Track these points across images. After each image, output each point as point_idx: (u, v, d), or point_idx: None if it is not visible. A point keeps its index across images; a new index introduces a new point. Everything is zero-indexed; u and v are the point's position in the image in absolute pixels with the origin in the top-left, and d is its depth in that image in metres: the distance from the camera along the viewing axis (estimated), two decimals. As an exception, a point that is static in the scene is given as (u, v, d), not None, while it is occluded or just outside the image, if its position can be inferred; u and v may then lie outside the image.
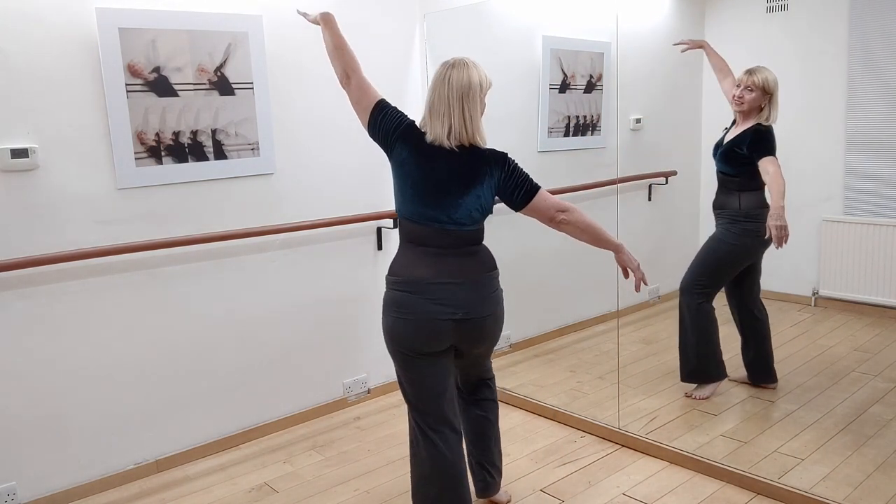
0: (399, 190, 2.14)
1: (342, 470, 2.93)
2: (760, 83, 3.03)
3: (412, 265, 2.10)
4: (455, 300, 2.08)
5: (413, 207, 2.10)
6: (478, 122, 2.09)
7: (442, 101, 2.05)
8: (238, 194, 3.06)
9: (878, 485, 2.52)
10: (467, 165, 2.09)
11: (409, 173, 2.09)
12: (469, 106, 2.05)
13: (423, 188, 2.08)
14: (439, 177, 2.07)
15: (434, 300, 2.07)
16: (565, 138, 4.00)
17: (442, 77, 2.07)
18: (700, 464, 2.75)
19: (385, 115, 2.15)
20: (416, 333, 2.09)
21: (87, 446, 2.78)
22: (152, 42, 2.74)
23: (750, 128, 3.07)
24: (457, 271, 2.09)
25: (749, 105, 3.06)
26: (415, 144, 2.10)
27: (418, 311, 2.07)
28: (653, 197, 4.30)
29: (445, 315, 2.07)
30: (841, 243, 3.58)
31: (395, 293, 2.13)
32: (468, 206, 2.10)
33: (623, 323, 3.45)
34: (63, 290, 2.66)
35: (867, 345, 3.58)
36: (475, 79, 2.06)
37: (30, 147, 2.52)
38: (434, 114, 2.08)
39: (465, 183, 2.08)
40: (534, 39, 3.81)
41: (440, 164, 2.08)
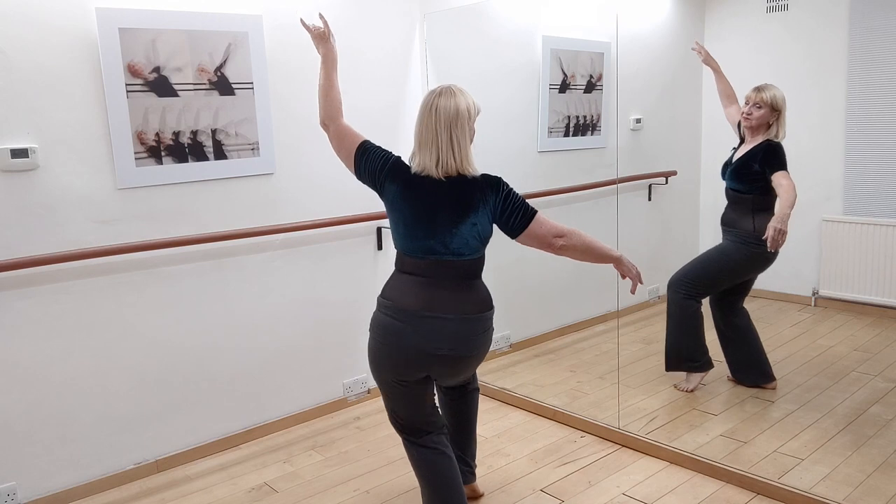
0: (394, 227, 2.11)
1: (342, 470, 2.93)
2: (769, 100, 3.03)
3: (403, 294, 2.06)
4: (442, 336, 2.03)
5: (409, 243, 2.06)
6: (466, 150, 2.03)
7: (429, 132, 2.01)
8: (238, 194, 3.06)
9: (878, 485, 2.52)
10: (460, 193, 2.04)
11: (400, 210, 2.06)
12: (457, 134, 2.00)
13: (414, 223, 2.03)
14: (432, 208, 2.03)
15: (421, 334, 2.02)
16: (565, 138, 4.00)
17: (429, 107, 2.02)
18: (700, 464, 2.75)
19: (368, 156, 2.11)
20: (394, 362, 2.08)
21: (87, 446, 2.78)
22: (152, 42, 2.74)
23: (761, 143, 3.07)
24: (449, 306, 2.03)
25: (758, 121, 3.06)
26: (403, 180, 2.06)
27: (403, 343, 2.04)
28: (653, 197, 4.30)
29: (430, 350, 2.03)
30: (841, 243, 3.58)
31: (383, 316, 2.09)
32: (464, 234, 2.04)
33: (623, 323, 3.46)
34: (63, 290, 2.66)
35: (867, 345, 3.58)
36: (462, 106, 2.01)
37: (30, 147, 2.52)
38: (423, 144, 2.03)
39: (459, 211, 2.03)
40: (534, 39, 3.81)
41: (432, 195, 2.03)
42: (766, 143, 3.06)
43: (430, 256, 2.04)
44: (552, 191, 3.96)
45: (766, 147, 3.05)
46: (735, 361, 3.37)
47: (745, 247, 3.13)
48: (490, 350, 4.07)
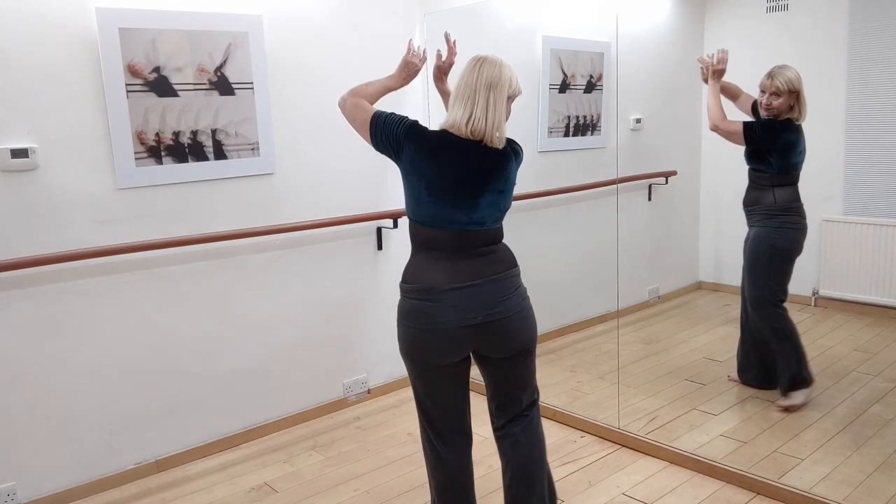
0: (412, 193, 1.99)
1: (342, 470, 2.93)
2: (785, 85, 2.92)
3: (426, 271, 1.97)
4: (473, 303, 1.93)
5: (429, 210, 1.95)
6: (501, 117, 1.96)
7: (468, 87, 1.94)
8: (238, 194, 3.06)
9: (878, 485, 2.52)
10: (485, 157, 1.96)
11: (422, 171, 1.95)
12: (495, 96, 1.93)
13: (438, 187, 1.93)
14: (456, 172, 1.93)
15: (451, 306, 1.93)
16: (565, 138, 4.00)
17: (473, 65, 1.97)
18: (700, 464, 2.75)
19: (385, 120, 2.04)
20: (432, 344, 1.96)
21: (87, 446, 2.78)
22: (152, 42, 2.74)
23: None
24: (474, 272, 1.95)
25: (778, 109, 2.96)
26: (423, 140, 1.97)
27: (435, 320, 1.93)
28: (653, 197, 4.30)
29: (464, 321, 1.93)
30: (841, 243, 3.58)
31: (409, 301, 1.99)
32: (488, 203, 1.97)
33: (623, 323, 3.45)
34: (63, 289, 2.66)
35: (867, 345, 3.57)
36: (506, 75, 1.97)
37: (30, 147, 2.52)
38: (458, 98, 1.95)
39: (483, 177, 1.95)
40: (534, 39, 3.81)
41: (455, 158, 1.94)
42: (769, 121, 3.01)
43: (452, 226, 1.95)
44: (552, 191, 3.96)
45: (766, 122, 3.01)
46: (745, 361, 3.35)
47: (773, 219, 3.06)
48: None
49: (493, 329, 1.96)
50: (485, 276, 1.95)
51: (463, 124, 1.93)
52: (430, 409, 2.12)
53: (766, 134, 3.00)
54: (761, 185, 3.09)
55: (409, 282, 2.00)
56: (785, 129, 2.98)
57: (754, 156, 3.10)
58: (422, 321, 1.96)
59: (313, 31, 3.21)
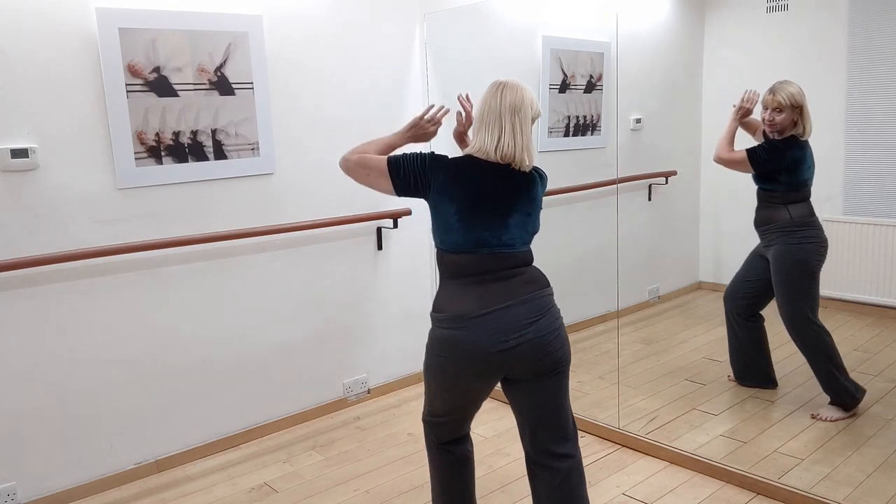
0: (441, 220, 1.97)
1: (342, 470, 2.93)
2: (787, 100, 2.88)
3: (456, 299, 1.94)
4: (504, 326, 1.89)
5: (459, 236, 1.94)
6: (528, 139, 1.96)
7: (492, 113, 1.95)
8: (238, 194, 3.06)
9: (878, 485, 2.52)
10: (512, 180, 1.97)
11: (452, 198, 1.94)
12: (521, 119, 1.95)
13: (468, 211, 1.93)
14: (485, 195, 1.93)
15: (482, 333, 1.89)
16: (565, 138, 4.00)
17: (495, 89, 1.98)
18: (700, 464, 2.75)
19: (404, 161, 2.01)
20: (463, 369, 1.94)
21: (88, 446, 2.78)
22: (152, 42, 2.74)
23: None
24: (504, 295, 1.92)
25: (782, 125, 2.93)
26: (451, 168, 1.97)
27: (464, 350, 1.90)
28: (653, 197, 4.30)
29: (496, 346, 1.89)
30: (841, 243, 3.58)
31: (440, 331, 1.96)
32: (516, 224, 1.97)
33: (623, 323, 3.45)
34: (63, 289, 2.66)
35: (867, 345, 3.57)
36: (528, 97, 1.98)
37: (30, 147, 2.52)
38: (484, 124, 1.96)
39: (511, 199, 1.96)
40: (534, 39, 3.81)
41: (484, 181, 1.94)
42: (772, 141, 2.98)
43: (483, 250, 1.94)
44: (552, 191, 3.94)
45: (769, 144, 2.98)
46: (741, 365, 3.35)
47: (791, 236, 3.01)
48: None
49: (523, 351, 1.91)
50: (515, 298, 1.93)
51: (492, 150, 1.94)
52: (442, 420, 2.13)
53: (770, 155, 2.96)
54: (773, 203, 3.04)
55: (439, 311, 1.98)
56: (790, 147, 2.94)
57: (763, 177, 3.06)
58: (449, 351, 1.94)
59: (313, 30, 3.21)
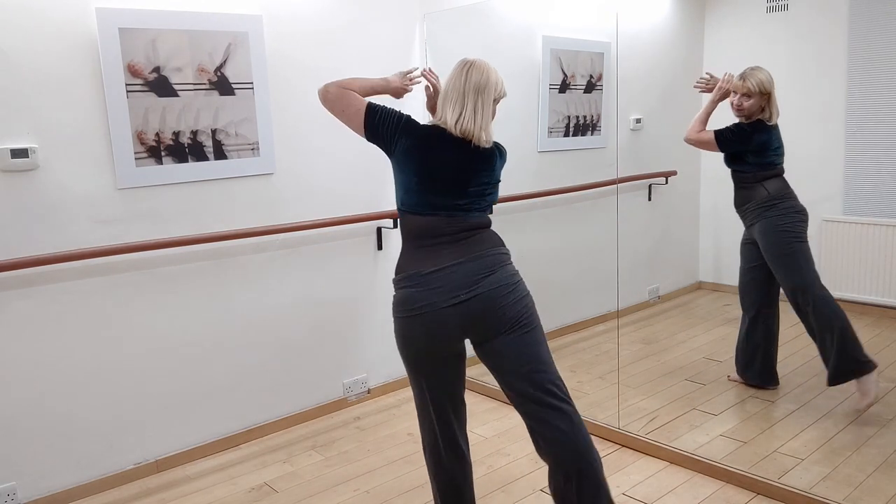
0: (402, 182, 2.07)
1: (342, 470, 2.93)
2: (756, 87, 3.01)
3: (413, 259, 2.04)
4: (454, 281, 1.96)
5: (418, 197, 2.04)
6: (487, 119, 2.06)
7: (456, 90, 2.06)
8: (238, 194, 3.06)
9: (878, 485, 2.52)
10: (473, 154, 2.06)
11: (414, 161, 2.04)
12: (483, 100, 2.04)
13: (427, 176, 2.03)
14: (445, 165, 2.03)
15: (434, 289, 1.96)
16: (565, 138, 4.00)
17: (461, 69, 2.08)
18: (700, 464, 2.75)
19: (381, 112, 2.11)
20: (420, 329, 2.00)
21: (87, 446, 2.78)
22: (152, 42, 2.74)
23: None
24: (456, 254, 2.00)
25: (749, 110, 3.05)
26: (418, 134, 2.07)
27: (419, 305, 1.97)
28: (653, 197, 4.30)
29: (448, 301, 1.95)
30: (841, 243, 3.58)
31: (398, 292, 2.05)
32: (475, 194, 2.07)
33: (623, 323, 3.45)
34: (63, 290, 2.66)
35: (867, 345, 3.57)
36: (493, 79, 2.08)
37: (30, 147, 2.52)
38: (447, 100, 2.07)
39: (471, 172, 2.05)
40: (534, 39, 3.81)
41: (446, 152, 2.04)
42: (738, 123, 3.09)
43: (438, 212, 2.03)
44: (552, 191, 3.96)
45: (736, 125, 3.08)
46: (748, 359, 3.34)
47: (772, 209, 3.07)
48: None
49: (479, 304, 1.96)
50: (466, 256, 2.00)
51: (452, 125, 2.04)
52: (430, 412, 2.14)
53: (737, 136, 3.07)
54: (748, 183, 3.14)
55: (397, 272, 2.08)
56: (756, 130, 3.05)
57: (732, 159, 3.16)
58: (408, 307, 2.00)
59: (313, 31, 3.22)
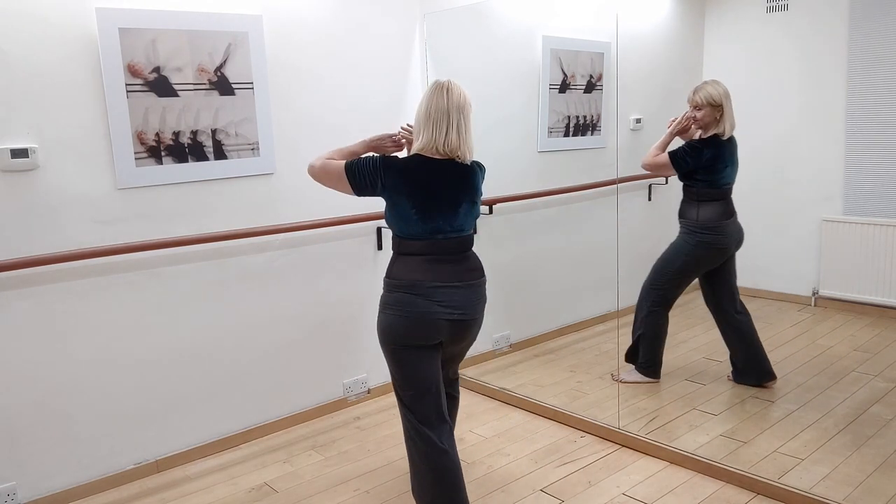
0: (399, 215, 2.23)
1: (342, 470, 2.93)
2: (704, 100, 3.09)
3: (413, 270, 2.22)
4: (454, 302, 2.23)
5: (418, 227, 2.21)
6: (470, 135, 2.23)
7: (440, 111, 2.18)
8: (238, 194, 3.06)
9: (878, 485, 2.52)
10: (458, 174, 2.23)
11: (408, 194, 2.19)
12: (464, 117, 2.21)
13: (423, 205, 2.19)
14: (435, 189, 2.19)
15: (436, 301, 2.20)
16: (565, 138, 4.00)
17: (440, 91, 2.20)
18: (700, 464, 2.75)
19: (359, 165, 2.24)
20: (414, 327, 2.21)
21: (88, 446, 2.78)
22: (152, 42, 2.74)
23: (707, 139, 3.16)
24: (454, 275, 2.24)
25: (702, 122, 3.14)
26: (402, 168, 2.21)
27: (420, 310, 2.20)
28: (653, 197, 4.30)
29: (444, 315, 2.21)
30: (841, 243, 3.58)
31: (397, 294, 2.24)
32: (465, 212, 2.25)
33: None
34: (63, 290, 2.66)
35: (867, 345, 3.58)
36: (467, 97, 2.23)
37: (30, 147, 2.52)
38: (432, 121, 2.19)
39: (459, 189, 2.23)
40: (534, 39, 3.81)
41: (432, 176, 2.20)
42: (689, 142, 3.18)
43: (437, 236, 2.22)
44: (552, 191, 3.96)
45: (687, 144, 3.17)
46: (736, 363, 3.37)
47: (691, 236, 3.23)
48: (490, 350, 4.06)
49: (464, 326, 2.28)
50: (464, 281, 2.26)
51: (440, 144, 2.18)
52: (410, 396, 2.28)
53: (689, 153, 3.15)
54: (688, 198, 3.26)
55: (395, 277, 2.26)
56: (707, 146, 3.13)
57: (685, 174, 3.24)
58: (408, 309, 2.21)
59: (313, 31, 3.22)
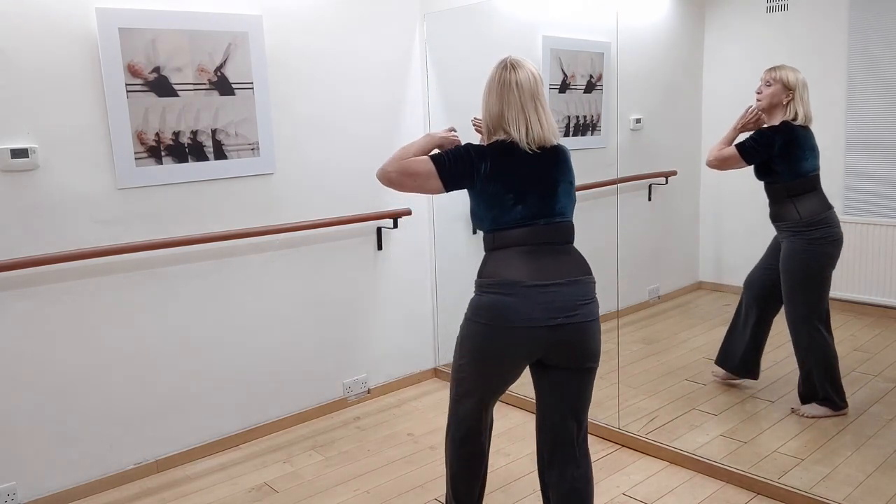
0: (494, 203, 1.96)
1: (342, 470, 2.93)
2: (780, 77, 2.89)
3: (508, 266, 1.93)
4: (554, 304, 1.89)
5: (518, 213, 1.95)
6: (550, 117, 2.01)
7: (514, 107, 1.97)
8: (238, 194, 3.06)
9: (878, 485, 2.52)
10: (549, 154, 2.00)
11: (503, 180, 1.95)
12: (541, 103, 1.99)
13: (521, 189, 1.95)
14: (531, 171, 1.96)
15: (532, 304, 1.88)
16: (565, 138, 3.99)
17: (508, 83, 1.99)
18: (700, 464, 2.75)
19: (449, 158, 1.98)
20: (509, 342, 1.91)
21: (88, 446, 2.78)
22: (152, 42, 2.74)
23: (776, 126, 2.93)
24: (555, 271, 1.92)
25: (768, 100, 2.92)
26: (495, 152, 1.98)
27: (513, 317, 1.88)
28: (653, 197, 4.30)
29: (546, 321, 1.88)
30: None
31: (487, 296, 1.94)
32: (564, 193, 2.02)
33: (623, 323, 3.45)
34: (63, 290, 2.66)
35: (867, 345, 3.57)
36: (537, 74, 2.02)
37: (30, 147, 2.52)
38: (509, 121, 1.97)
39: (555, 170, 2.00)
40: (534, 39, 3.81)
41: (526, 160, 1.96)
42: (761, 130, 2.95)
43: (540, 220, 1.96)
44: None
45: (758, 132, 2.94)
46: (732, 348, 3.32)
47: (799, 237, 2.95)
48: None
49: (569, 332, 1.92)
50: (568, 277, 1.93)
51: (524, 141, 1.96)
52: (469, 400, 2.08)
53: (758, 142, 2.92)
54: (779, 198, 2.98)
55: (489, 276, 1.95)
56: (779, 132, 2.90)
57: (762, 171, 3.00)
58: (497, 318, 1.90)
59: (313, 30, 3.21)
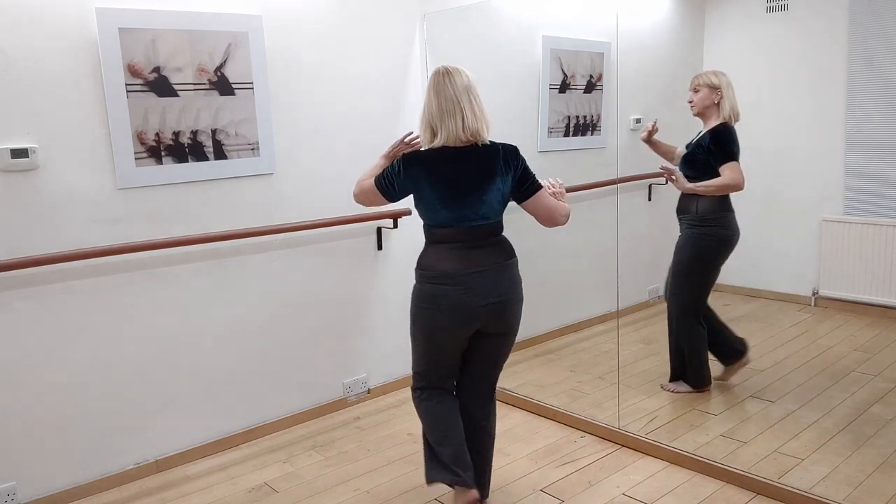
0: (426, 206, 2.25)
1: (342, 470, 2.93)
2: (704, 81, 3.05)
3: (442, 260, 2.24)
4: (487, 287, 2.24)
5: (444, 215, 2.22)
6: (484, 113, 2.22)
7: (449, 100, 2.18)
8: (238, 194, 3.06)
9: (878, 485, 2.52)
10: (484, 161, 2.22)
11: (432, 184, 2.21)
12: (474, 96, 2.20)
13: (448, 194, 2.20)
14: (460, 178, 2.20)
15: (469, 290, 2.22)
16: (565, 138, 4.00)
17: (442, 80, 2.21)
18: (700, 464, 2.75)
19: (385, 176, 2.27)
20: (452, 321, 2.25)
21: (87, 446, 2.78)
22: (152, 42, 2.74)
23: (709, 129, 3.08)
24: (483, 261, 2.25)
25: (699, 106, 3.09)
26: (424, 160, 2.22)
27: (456, 302, 2.22)
28: (653, 197, 4.30)
29: (481, 301, 2.23)
30: (841, 243, 3.58)
31: (430, 285, 2.26)
32: (491, 200, 2.23)
33: (623, 323, 3.45)
34: (63, 290, 2.66)
35: (867, 345, 3.58)
36: (471, 77, 2.24)
37: (30, 147, 2.52)
38: (446, 113, 2.19)
39: (485, 178, 2.22)
40: (534, 39, 3.81)
41: (457, 166, 2.20)
42: (713, 129, 3.05)
43: (464, 224, 2.23)
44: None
45: (712, 133, 3.05)
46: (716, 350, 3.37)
47: (692, 230, 3.16)
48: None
49: (501, 307, 2.28)
50: (495, 263, 2.27)
51: (461, 132, 2.18)
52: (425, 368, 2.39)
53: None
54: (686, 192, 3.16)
55: (427, 268, 2.28)
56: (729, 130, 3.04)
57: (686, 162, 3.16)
58: (442, 302, 2.24)
59: (313, 30, 3.21)
